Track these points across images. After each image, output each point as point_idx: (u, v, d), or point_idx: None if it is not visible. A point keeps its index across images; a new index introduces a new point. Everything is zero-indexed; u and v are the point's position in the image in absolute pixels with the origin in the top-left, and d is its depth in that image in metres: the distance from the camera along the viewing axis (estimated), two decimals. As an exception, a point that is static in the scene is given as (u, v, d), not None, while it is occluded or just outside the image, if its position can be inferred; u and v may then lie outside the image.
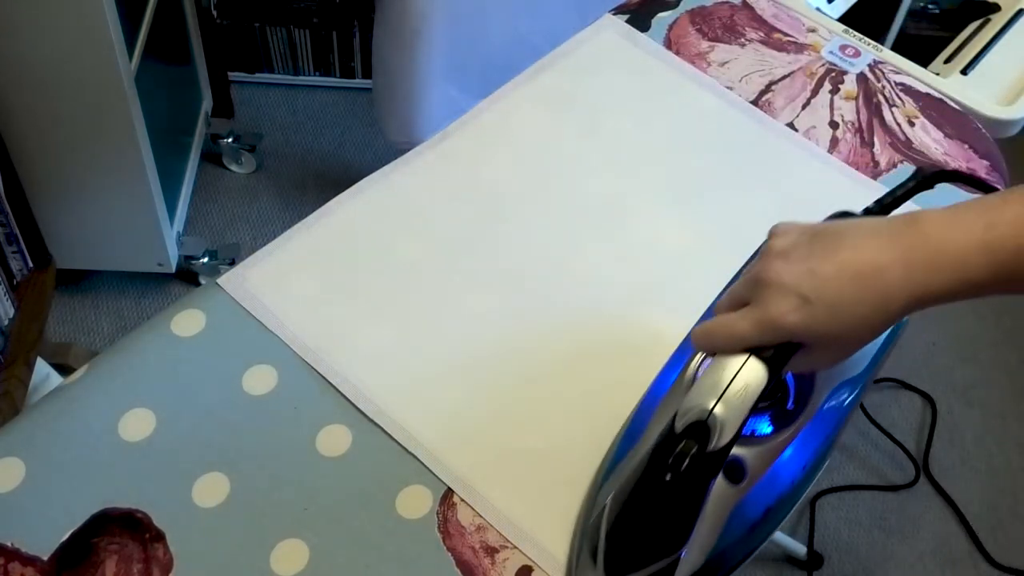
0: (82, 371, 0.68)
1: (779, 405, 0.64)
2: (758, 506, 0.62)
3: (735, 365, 0.54)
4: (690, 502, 0.56)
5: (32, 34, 1.22)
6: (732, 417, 0.53)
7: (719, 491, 0.59)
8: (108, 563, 0.60)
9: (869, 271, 0.52)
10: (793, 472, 0.64)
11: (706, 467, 0.54)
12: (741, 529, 0.61)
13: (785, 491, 0.63)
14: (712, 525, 0.60)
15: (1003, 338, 1.81)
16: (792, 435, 0.63)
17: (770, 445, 0.63)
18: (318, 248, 0.76)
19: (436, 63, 1.39)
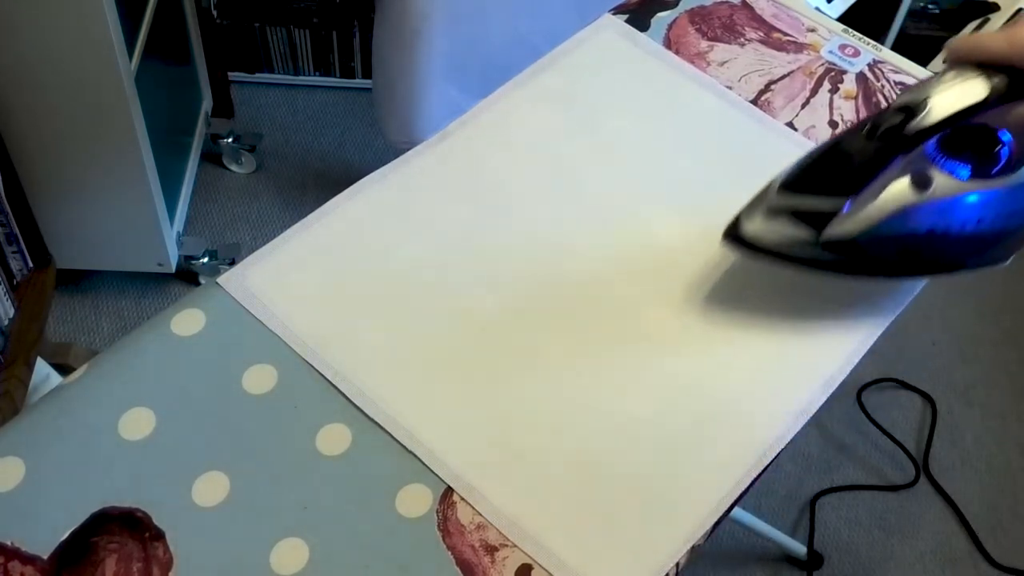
0: (82, 371, 0.68)
1: (984, 166, 0.69)
2: (924, 221, 0.68)
3: (964, 74, 0.62)
4: (872, 162, 0.65)
5: (32, 34, 1.22)
6: (938, 107, 0.61)
7: (901, 188, 0.67)
8: (108, 562, 0.60)
9: None
10: (966, 217, 0.69)
11: (898, 140, 0.63)
12: (901, 229, 0.68)
13: (952, 226, 0.69)
14: (881, 207, 0.67)
15: (1003, 338, 1.81)
16: (982, 187, 0.68)
17: (961, 184, 0.68)
18: (318, 248, 0.76)
19: (436, 63, 1.39)
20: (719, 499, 0.66)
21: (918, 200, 0.67)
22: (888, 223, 0.67)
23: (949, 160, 0.68)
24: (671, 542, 0.63)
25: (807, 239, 0.67)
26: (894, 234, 0.68)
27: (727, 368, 0.72)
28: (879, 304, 0.77)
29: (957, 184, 0.68)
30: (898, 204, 0.67)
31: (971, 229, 0.69)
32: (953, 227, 0.69)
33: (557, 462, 0.67)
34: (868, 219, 0.66)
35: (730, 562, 1.50)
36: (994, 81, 0.61)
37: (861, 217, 0.66)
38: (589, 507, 0.65)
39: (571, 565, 0.62)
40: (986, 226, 0.70)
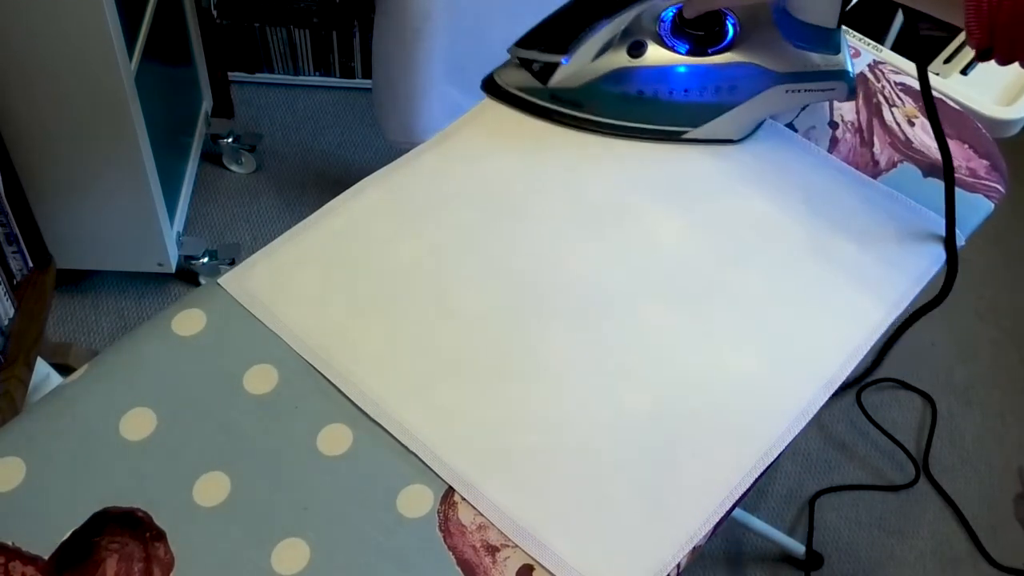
0: (82, 371, 0.68)
1: (703, 46, 0.80)
2: (635, 84, 0.80)
3: None
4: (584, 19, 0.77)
5: (32, 34, 1.22)
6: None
7: (618, 52, 0.79)
8: (109, 562, 0.60)
9: None
10: (672, 85, 0.80)
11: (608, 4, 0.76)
12: (616, 91, 0.80)
13: (662, 94, 0.80)
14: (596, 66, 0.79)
15: (1003, 338, 1.81)
16: (691, 61, 0.79)
17: (672, 56, 0.79)
18: (318, 248, 0.76)
19: (436, 63, 1.39)
20: (720, 500, 0.66)
21: (629, 65, 0.79)
22: (603, 81, 0.79)
23: (672, 38, 0.80)
24: (672, 542, 0.63)
25: (538, 88, 0.81)
26: (609, 92, 0.80)
27: (727, 369, 0.72)
28: (879, 304, 0.77)
29: (668, 55, 0.79)
30: (612, 66, 0.79)
31: (679, 97, 0.80)
32: (660, 91, 0.80)
33: (558, 463, 0.67)
34: (585, 75, 0.79)
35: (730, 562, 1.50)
36: None
37: (579, 73, 0.79)
38: (590, 508, 0.65)
39: (572, 565, 0.62)
40: (694, 95, 0.80)
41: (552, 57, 0.79)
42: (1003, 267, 1.93)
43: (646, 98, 0.80)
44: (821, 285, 0.78)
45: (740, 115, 0.82)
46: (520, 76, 0.81)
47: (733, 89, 0.80)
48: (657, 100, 0.80)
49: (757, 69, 0.79)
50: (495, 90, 0.83)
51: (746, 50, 0.79)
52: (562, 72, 0.79)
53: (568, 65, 0.78)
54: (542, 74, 0.80)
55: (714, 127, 0.82)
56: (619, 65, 0.79)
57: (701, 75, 0.80)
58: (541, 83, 0.80)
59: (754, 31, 0.80)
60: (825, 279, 0.78)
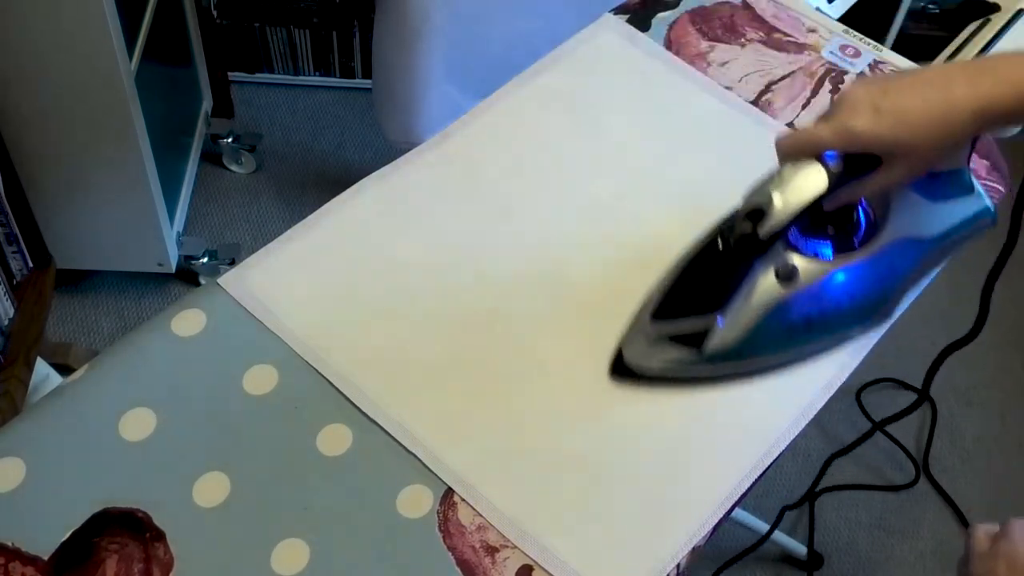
0: (82, 371, 0.68)
1: (846, 238, 0.71)
2: (799, 311, 0.69)
3: (802, 168, 0.62)
4: (733, 272, 0.65)
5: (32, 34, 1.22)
6: (786, 208, 0.62)
7: (768, 285, 0.67)
8: (108, 562, 0.60)
9: (937, 82, 0.59)
10: (839, 296, 0.70)
11: (753, 246, 0.64)
12: (779, 326, 0.68)
13: (828, 310, 0.70)
14: (753, 309, 0.67)
15: (1003, 339, 1.81)
16: (846, 263, 0.69)
17: (826, 264, 0.69)
18: (318, 248, 0.76)
19: (436, 63, 1.39)
20: (720, 500, 0.66)
21: (787, 293, 0.67)
22: (763, 325, 0.67)
23: (811, 241, 0.69)
24: (672, 543, 0.63)
25: (691, 359, 0.68)
26: (771, 332, 0.68)
27: (728, 368, 0.72)
28: (880, 305, 0.77)
29: (821, 267, 0.69)
30: (768, 304, 0.67)
31: (846, 304, 0.70)
32: (828, 308, 0.70)
33: (558, 463, 0.66)
34: (743, 327, 0.67)
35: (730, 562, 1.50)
36: (831, 167, 0.62)
37: (736, 326, 0.67)
38: (590, 508, 0.65)
39: (572, 566, 0.62)
40: (860, 297, 0.71)
41: (704, 321, 0.66)
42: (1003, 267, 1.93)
43: (814, 321, 0.70)
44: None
45: (901, 291, 0.74)
46: (665, 351, 0.68)
47: (893, 271, 0.72)
48: (825, 318, 0.70)
49: (908, 242, 0.71)
50: (632, 375, 0.69)
51: (892, 227, 0.70)
52: (718, 332, 0.66)
53: (724, 324, 0.66)
54: (693, 341, 0.67)
55: (879, 316, 0.73)
56: (776, 300, 0.67)
57: (861, 274, 0.70)
58: (696, 352, 0.67)
59: (891, 203, 0.71)
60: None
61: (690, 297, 0.68)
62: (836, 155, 0.62)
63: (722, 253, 0.65)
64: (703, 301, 0.67)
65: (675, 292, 0.68)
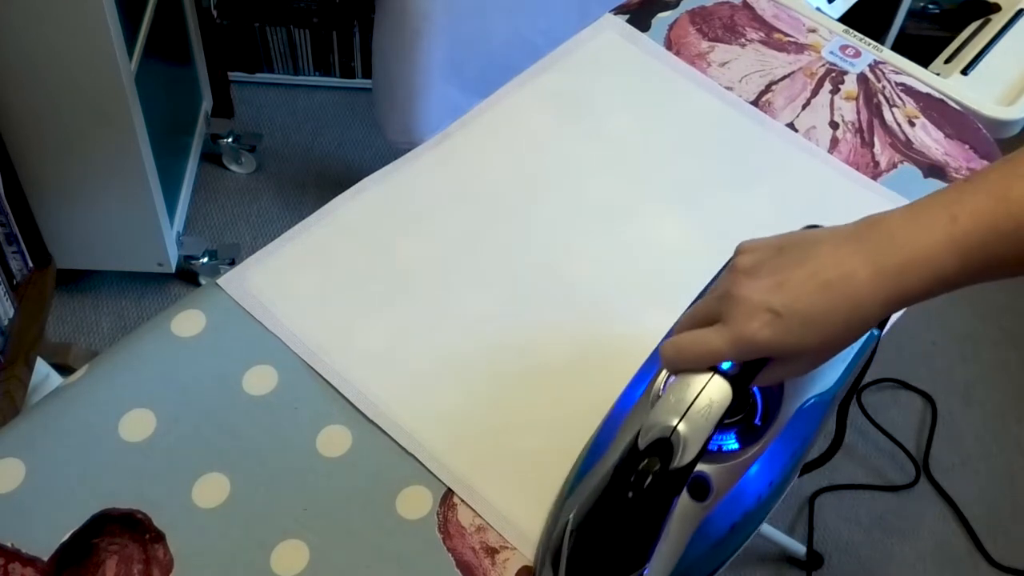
0: (82, 371, 0.68)
1: (746, 421, 0.63)
2: (723, 523, 0.61)
3: (700, 382, 0.53)
4: (653, 519, 0.56)
5: (32, 34, 1.22)
6: (696, 435, 0.53)
7: (683, 508, 0.59)
8: (108, 563, 0.60)
9: (838, 279, 0.51)
10: (759, 489, 0.63)
11: (669, 484, 0.54)
12: (705, 546, 0.61)
13: (751, 508, 0.62)
14: (676, 542, 0.59)
15: (1003, 338, 1.81)
16: (759, 451, 0.62)
17: (736, 462, 0.62)
18: (318, 248, 0.76)
19: (436, 63, 1.39)
20: (719, 500, 0.65)
21: (706, 511, 0.61)
22: (690, 552, 0.60)
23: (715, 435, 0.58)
24: (671, 543, 0.63)
25: None
26: (699, 554, 0.61)
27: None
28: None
29: (732, 465, 0.61)
30: (690, 530, 0.60)
31: (767, 492, 0.63)
32: (749, 504, 0.63)
33: (557, 464, 0.66)
34: (669, 564, 0.59)
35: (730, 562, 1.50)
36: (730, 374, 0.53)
37: (662, 568, 0.59)
38: (589, 508, 0.65)
39: (571, 566, 0.62)
40: (778, 477, 0.64)
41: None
42: (1003, 267, 1.93)
43: (739, 524, 0.62)
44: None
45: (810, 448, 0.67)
46: None
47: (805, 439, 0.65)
48: (749, 515, 0.63)
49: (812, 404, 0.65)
50: None
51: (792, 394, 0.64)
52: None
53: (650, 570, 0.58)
54: None
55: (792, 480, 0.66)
56: (696, 521, 0.60)
57: (773, 456, 0.63)
58: None
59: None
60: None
61: (608, 557, 0.57)
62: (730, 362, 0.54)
63: (632, 501, 0.55)
64: (626, 557, 0.57)
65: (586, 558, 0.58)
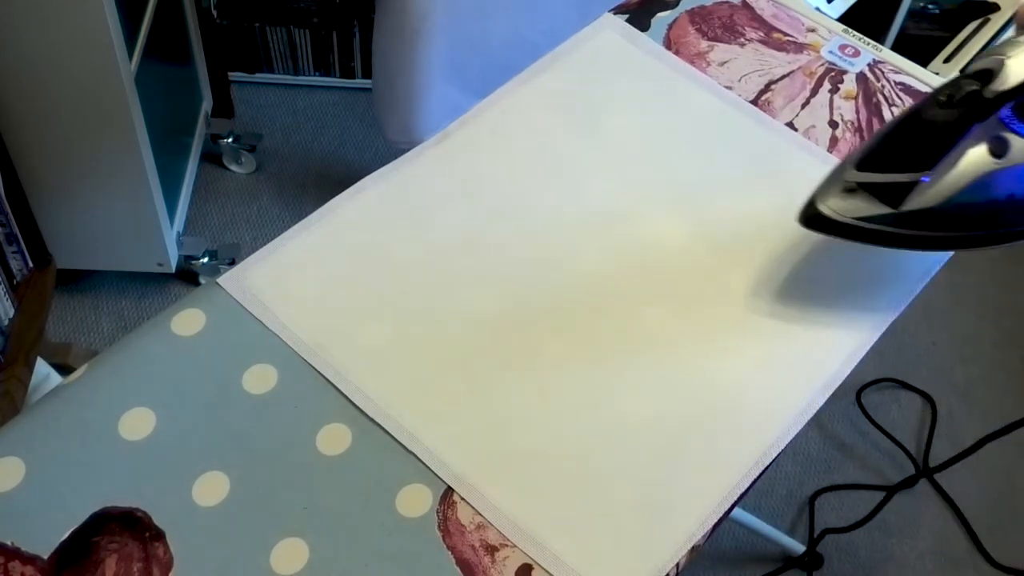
0: (82, 371, 0.68)
1: None
2: (1006, 189, 0.66)
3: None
4: (950, 132, 0.63)
5: (32, 34, 1.22)
6: (1016, 71, 0.59)
7: (978, 155, 0.65)
8: (108, 562, 0.60)
9: None
10: None
11: (978, 106, 0.61)
12: (983, 196, 0.66)
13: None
14: (962, 175, 0.65)
15: (1003, 338, 1.81)
16: None
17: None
18: (318, 248, 0.76)
19: (436, 63, 1.39)
20: (719, 499, 0.66)
21: (996, 167, 0.65)
22: (967, 192, 0.66)
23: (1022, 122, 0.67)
24: (671, 542, 0.63)
25: (885, 214, 0.66)
26: (974, 203, 0.66)
27: (727, 369, 0.72)
28: (879, 304, 0.77)
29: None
30: (976, 173, 0.65)
31: None
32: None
33: (557, 462, 0.67)
34: (947, 190, 0.65)
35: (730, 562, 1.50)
36: None
37: (939, 189, 0.65)
38: (589, 507, 0.65)
39: (571, 565, 0.62)
40: None
41: (909, 176, 0.65)
42: (1003, 266, 1.93)
43: (1017, 200, 0.67)
44: (821, 286, 0.78)
45: None
46: (859, 203, 0.66)
47: None
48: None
49: None
50: (822, 224, 0.68)
51: None
52: (920, 191, 0.65)
53: (928, 183, 0.65)
54: (892, 197, 0.65)
55: None
56: (984, 171, 0.65)
57: None
58: (892, 208, 0.66)
59: None
60: (824, 281, 0.78)
61: (899, 151, 0.65)
62: None
63: (941, 109, 0.63)
64: (912, 157, 0.64)
65: (885, 144, 0.66)
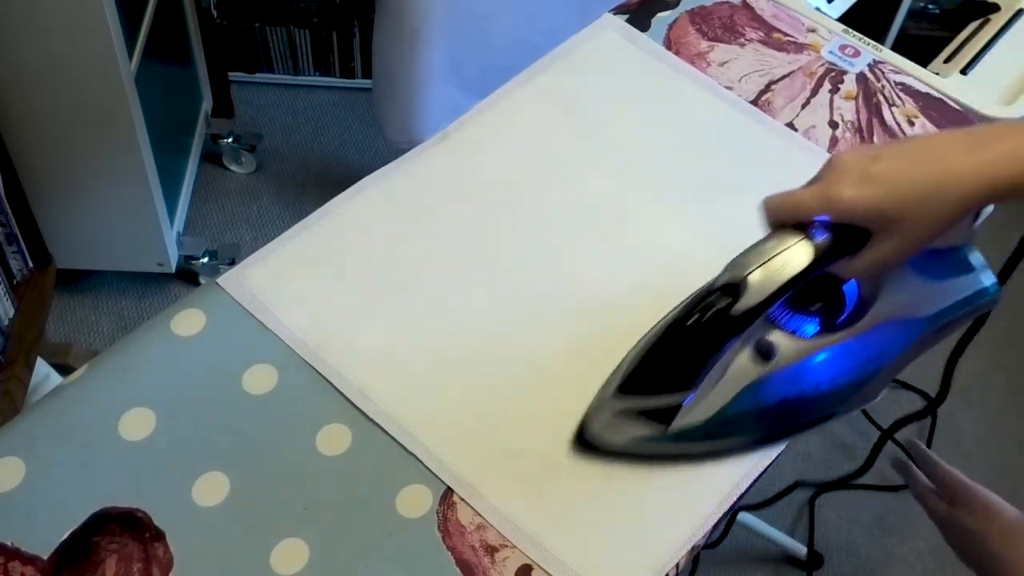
0: (82, 371, 0.68)
1: (833, 317, 0.66)
2: (775, 392, 0.64)
3: (785, 242, 0.58)
4: (704, 351, 0.61)
5: (32, 34, 1.22)
6: (763, 286, 0.57)
7: (743, 363, 0.63)
8: (108, 562, 0.60)
9: (934, 156, 0.53)
10: (821, 378, 0.66)
11: (727, 324, 0.59)
12: (752, 405, 0.64)
13: (807, 391, 0.65)
14: (725, 389, 0.63)
15: (1002, 338, 1.81)
16: (831, 342, 0.65)
17: (806, 344, 0.65)
18: (318, 248, 0.76)
19: (436, 63, 1.39)
20: (719, 499, 0.66)
21: (763, 372, 0.63)
22: (735, 404, 0.63)
23: (794, 317, 0.65)
24: (671, 542, 0.63)
25: (656, 435, 0.64)
26: (744, 412, 0.64)
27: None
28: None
29: (802, 345, 0.64)
30: (741, 384, 0.63)
31: (826, 386, 0.66)
32: (806, 389, 0.65)
33: (557, 463, 0.66)
34: (713, 405, 0.63)
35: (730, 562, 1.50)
36: (817, 243, 0.57)
37: (706, 405, 0.63)
38: (589, 508, 0.65)
39: (571, 565, 0.62)
40: (842, 379, 0.66)
41: (673, 398, 0.62)
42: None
43: (790, 403, 0.66)
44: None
45: (889, 373, 0.69)
46: (629, 427, 0.64)
47: (882, 353, 0.67)
48: (803, 400, 0.66)
49: (899, 323, 0.66)
50: (597, 450, 0.65)
51: (881, 306, 0.65)
52: (687, 410, 0.63)
53: (693, 401, 0.63)
54: (660, 417, 0.63)
55: (863, 397, 0.69)
56: (751, 379, 0.63)
57: (844, 355, 0.66)
58: (662, 429, 0.63)
59: (882, 280, 0.66)
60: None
61: (659, 372, 0.63)
62: (824, 230, 0.57)
63: (694, 329, 0.60)
64: (673, 377, 0.62)
65: (644, 366, 0.64)
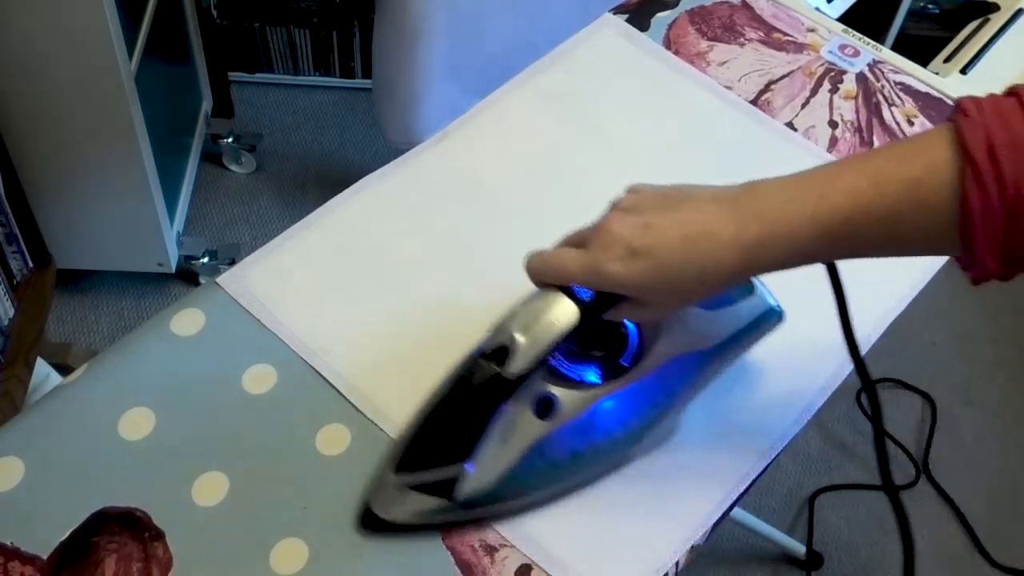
0: (82, 371, 0.68)
1: (613, 359, 0.64)
2: (565, 447, 0.63)
3: (552, 301, 0.56)
4: (478, 417, 0.58)
5: (32, 34, 1.22)
6: (531, 348, 0.56)
7: (525, 422, 0.61)
8: (108, 562, 0.60)
9: (700, 235, 0.53)
10: (611, 425, 0.64)
11: (497, 389, 0.57)
12: (542, 464, 0.62)
13: (598, 441, 0.64)
14: (511, 450, 0.61)
15: (1002, 337, 1.81)
16: (616, 388, 0.63)
17: (590, 393, 0.63)
18: (318, 248, 0.76)
19: (436, 63, 1.39)
20: (719, 499, 0.66)
21: (547, 430, 0.61)
22: (522, 466, 0.61)
23: (575, 366, 0.63)
24: (671, 542, 0.63)
25: (444, 506, 0.61)
26: (533, 470, 0.62)
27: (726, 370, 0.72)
28: (879, 305, 0.77)
29: (586, 395, 0.62)
30: (526, 442, 0.61)
31: (619, 431, 0.64)
32: (597, 438, 0.63)
33: (557, 462, 0.66)
34: (498, 470, 0.60)
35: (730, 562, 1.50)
36: (583, 302, 0.56)
37: (489, 471, 0.60)
38: (589, 507, 0.65)
39: (570, 565, 0.62)
40: (634, 421, 0.64)
41: (452, 470, 0.59)
42: (1003, 267, 1.93)
43: (583, 453, 0.63)
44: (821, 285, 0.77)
45: (681, 406, 0.67)
46: (413, 502, 0.61)
47: (670, 390, 0.65)
48: (595, 448, 0.64)
49: (685, 357, 0.64)
50: (384, 527, 0.62)
51: (665, 343, 0.63)
52: (470, 479, 0.60)
53: (474, 469, 0.59)
54: (442, 490, 0.60)
55: (658, 435, 0.66)
56: (535, 437, 0.61)
57: (632, 398, 0.64)
58: (447, 500, 0.60)
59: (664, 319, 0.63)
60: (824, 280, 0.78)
61: (434, 446, 0.60)
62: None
63: (465, 397, 0.58)
64: (448, 449, 0.59)
65: (419, 441, 0.61)
